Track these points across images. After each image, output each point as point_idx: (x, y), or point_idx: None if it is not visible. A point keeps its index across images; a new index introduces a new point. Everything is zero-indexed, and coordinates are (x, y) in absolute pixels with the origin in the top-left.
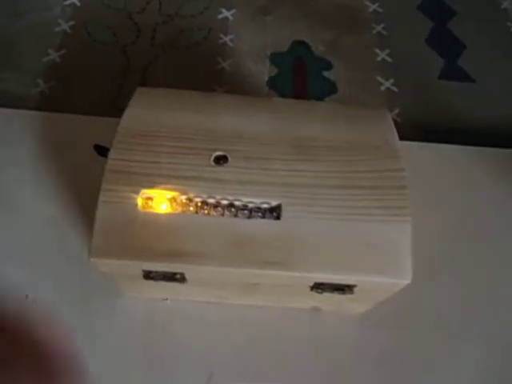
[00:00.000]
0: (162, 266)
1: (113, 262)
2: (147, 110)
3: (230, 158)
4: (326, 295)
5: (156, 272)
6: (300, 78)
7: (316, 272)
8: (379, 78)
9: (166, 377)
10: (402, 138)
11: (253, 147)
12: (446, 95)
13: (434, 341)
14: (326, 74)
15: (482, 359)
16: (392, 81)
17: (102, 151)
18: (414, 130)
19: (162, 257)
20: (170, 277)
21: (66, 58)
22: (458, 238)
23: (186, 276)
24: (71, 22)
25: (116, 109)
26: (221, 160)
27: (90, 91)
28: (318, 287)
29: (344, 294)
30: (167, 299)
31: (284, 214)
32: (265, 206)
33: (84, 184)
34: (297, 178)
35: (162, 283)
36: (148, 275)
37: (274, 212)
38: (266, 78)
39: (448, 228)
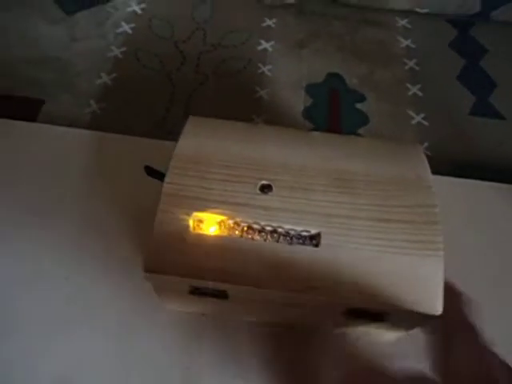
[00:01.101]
0: (208, 283)
1: (163, 277)
2: (199, 139)
3: (274, 187)
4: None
5: (202, 288)
6: (334, 109)
7: (349, 299)
8: (410, 112)
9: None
10: (432, 171)
11: (296, 178)
12: (476, 131)
13: None
14: (358, 105)
15: None
16: (423, 115)
17: (151, 172)
18: (442, 163)
19: (209, 274)
20: (214, 294)
21: (116, 82)
22: (488, 273)
23: (229, 294)
24: (123, 49)
25: (162, 131)
26: (266, 188)
27: (138, 113)
28: (351, 314)
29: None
30: (203, 315)
31: (323, 241)
32: (305, 233)
33: (131, 201)
34: (336, 209)
35: (205, 299)
36: (194, 291)
37: (314, 240)
38: (302, 108)
39: (479, 267)
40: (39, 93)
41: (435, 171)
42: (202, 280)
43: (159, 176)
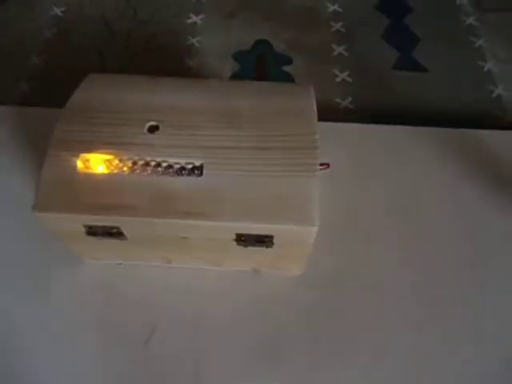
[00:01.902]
0: (100, 219)
1: (55, 216)
2: (94, 91)
3: (161, 127)
4: (255, 252)
5: (96, 227)
6: (261, 72)
7: (234, 221)
8: (335, 71)
9: (115, 331)
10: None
11: (183, 118)
12: (399, 84)
13: (369, 303)
14: (285, 68)
15: (420, 319)
16: (347, 73)
17: None
18: (364, 115)
19: (99, 210)
20: (109, 232)
21: (47, 62)
22: (396, 207)
23: (123, 230)
24: (54, 30)
25: None
26: (154, 129)
27: (69, 91)
28: (241, 239)
29: (266, 246)
30: (121, 264)
31: (205, 171)
32: (189, 165)
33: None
34: (220, 142)
35: (109, 243)
36: (89, 231)
37: (197, 170)
38: (229, 74)
39: (387, 199)
40: None
41: (357, 121)
42: (92, 216)
43: None
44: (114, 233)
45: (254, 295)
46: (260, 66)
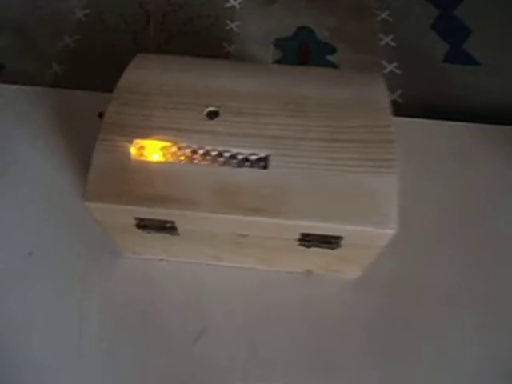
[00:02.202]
0: (153, 212)
1: (106, 206)
2: (145, 71)
3: (221, 113)
4: (316, 253)
5: (148, 220)
6: (303, 61)
7: (301, 219)
8: (383, 62)
9: (161, 331)
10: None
11: (245, 104)
12: (450, 78)
13: (431, 309)
14: (329, 57)
15: (482, 328)
16: (395, 64)
17: None
18: (414, 110)
19: (153, 202)
20: (161, 226)
21: (80, 44)
22: (458, 208)
23: (177, 225)
24: (86, 11)
25: None
26: (213, 114)
27: (102, 74)
28: (305, 239)
29: (332, 248)
30: (163, 260)
31: (271, 164)
32: (253, 156)
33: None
34: (285, 132)
35: (157, 238)
36: (140, 224)
37: (262, 162)
38: (270, 62)
39: (448, 199)
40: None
41: (407, 116)
42: (145, 208)
43: None
44: (167, 227)
45: (305, 299)
46: (303, 54)
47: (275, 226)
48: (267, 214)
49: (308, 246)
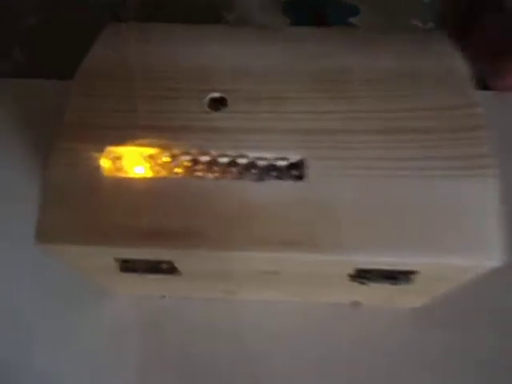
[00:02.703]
0: (141, 252)
1: (69, 248)
2: (120, 47)
3: (229, 101)
4: (372, 287)
5: (135, 261)
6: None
7: (357, 253)
8: (417, 22)
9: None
10: None
11: (260, 86)
12: None
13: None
14: (352, 20)
15: None
16: (431, 24)
17: None
18: None
19: (139, 239)
20: (154, 267)
21: (47, 22)
22: None
23: (177, 265)
24: None
25: None
26: (217, 103)
27: (74, 59)
28: (362, 276)
29: (398, 283)
30: (164, 297)
31: (308, 172)
32: (281, 162)
33: None
34: (323, 122)
35: (151, 278)
36: (125, 266)
37: (295, 170)
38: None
39: None
40: None
41: None
42: (127, 248)
43: None
44: (163, 268)
45: (354, 336)
46: (318, 19)
47: (319, 262)
48: (307, 248)
49: (364, 283)
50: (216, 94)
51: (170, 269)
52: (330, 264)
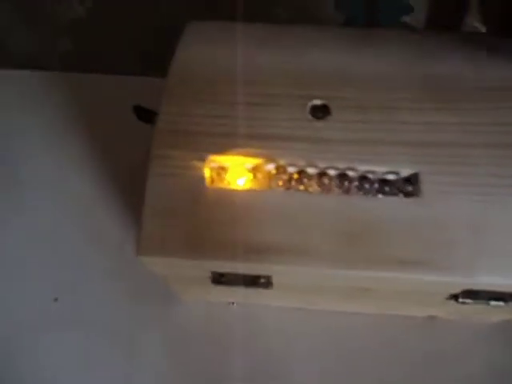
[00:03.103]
0: (242, 267)
1: (170, 261)
2: (205, 48)
3: (332, 109)
4: (464, 305)
5: (231, 275)
6: (372, 25)
7: (474, 275)
8: (477, 24)
9: None
10: None
11: (365, 93)
12: None
13: None
14: (405, 18)
15: None
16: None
17: (144, 114)
18: None
19: (242, 254)
20: (251, 281)
21: (94, 13)
22: None
23: (274, 280)
24: None
25: (153, 68)
26: (320, 111)
27: (121, 50)
28: (467, 297)
29: (506, 305)
30: (233, 303)
31: (424, 187)
32: (392, 176)
33: (122, 154)
34: (437, 134)
35: (235, 288)
36: (219, 280)
37: (409, 185)
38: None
39: None
40: None
41: None
42: (230, 262)
43: (153, 116)
44: (259, 283)
45: (431, 352)
46: (372, 16)
47: (427, 283)
48: (421, 268)
49: (465, 303)
50: (318, 102)
51: (267, 283)
52: (440, 284)
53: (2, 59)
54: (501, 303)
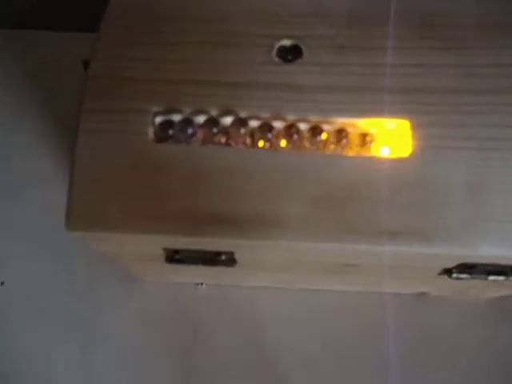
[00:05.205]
0: (198, 242)
1: (109, 236)
2: None
3: (304, 49)
4: (460, 281)
5: (187, 251)
6: None
7: (476, 247)
8: None
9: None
10: None
11: (344, 30)
12: None
13: None
14: None
15: None
16: None
17: None
18: None
19: (197, 226)
20: (211, 259)
21: None
22: None
23: (238, 257)
24: None
25: None
26: (290, 53)
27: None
28: (462, 271)
29: (504, 278)
30: (202, 284)
31: (417, 142)
32: (375, 130)
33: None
34: (433, 79)
35: (195, 267)
36: (173, 257)
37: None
38: None
39: None
40: None
41: None
42: (184, 237)
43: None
44: (220, 260)
45: (421, 330)
46: None
47: (418, 256)
48: (414, 239)
49: (460, 278)
50: (287, 42)
51: (229, 260)
52: (432, 257)
53: None
54: (501, 278)
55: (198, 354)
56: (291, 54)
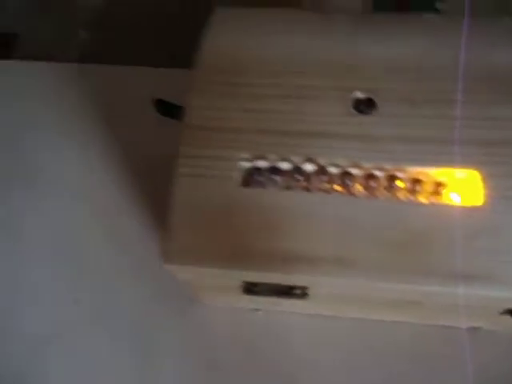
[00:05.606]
0: (277, 277)
1: (199, 270)
2: (236, 37)
3: (378, 101)
4: None
5: (264, 285)
6: (402, 10)
7: None
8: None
9: None
10: None
11: (414, 84)
12: None
13: None
14: (438, 5)
15: None
16: None
17: (167, 109)
18: None
19: (279, 263)
20: (285, 292)
21: (112, 2)
22: None
23: (311, 291)
24: None
25: (175, 60)
26: (364, 105)
27: (142, 41)
28: None
29: None
30: (259, 310)
31: (489, 192)
32: (448, 179)
33: (145, 153)
34: (502, 132)
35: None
36: (250, 289)
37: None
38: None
39: None
40: (11, 24)
41: None
42: (265, 273)
43: (177, 111)
44: (294, 294)
45: (473, 364)
46: (401, 2)
47: (490, 297)
48: (486, 283)
49: None
50: (361, 94)
51: (302, 294)
52: (498, 299)
53: (16, 49)
54: None
55: None
56: (366, 106)
